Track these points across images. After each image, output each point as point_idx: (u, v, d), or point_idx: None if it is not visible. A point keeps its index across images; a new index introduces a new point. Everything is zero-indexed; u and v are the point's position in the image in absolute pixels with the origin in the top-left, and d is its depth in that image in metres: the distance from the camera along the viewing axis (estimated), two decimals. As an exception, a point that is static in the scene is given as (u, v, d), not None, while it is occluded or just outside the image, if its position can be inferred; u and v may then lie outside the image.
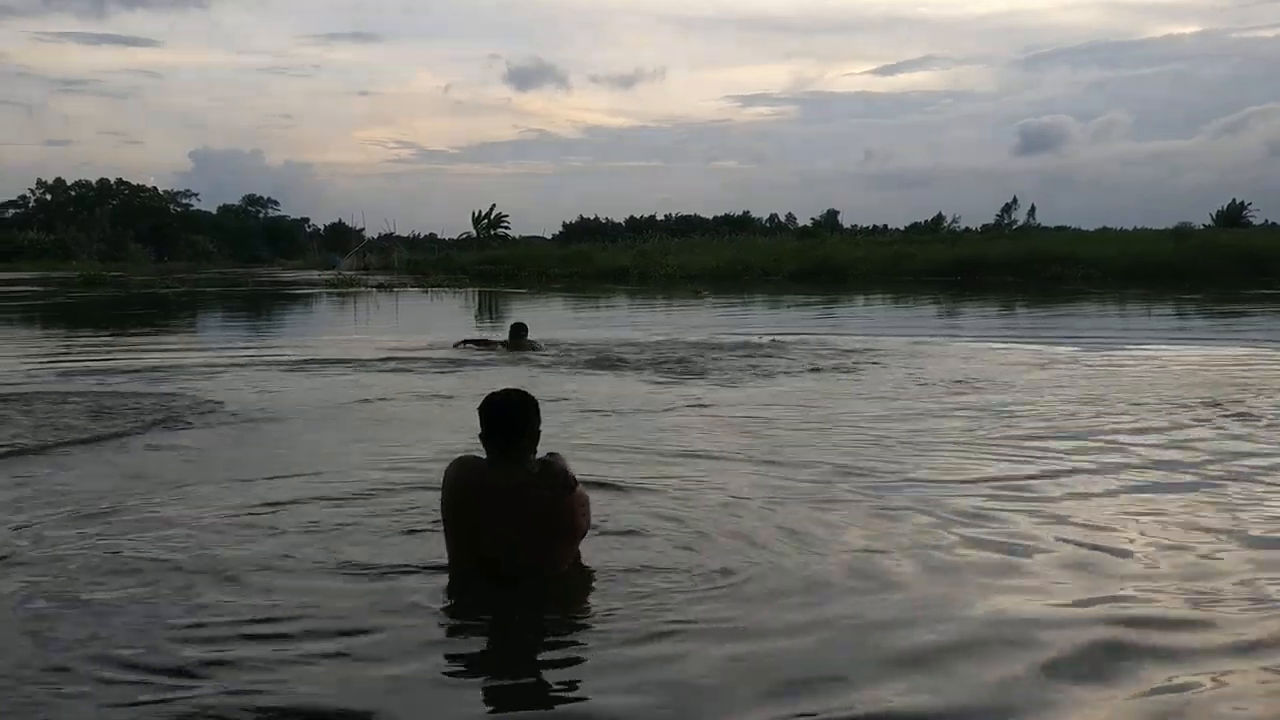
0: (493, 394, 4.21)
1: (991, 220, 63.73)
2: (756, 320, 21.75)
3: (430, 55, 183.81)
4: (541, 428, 4.18)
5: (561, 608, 3.91)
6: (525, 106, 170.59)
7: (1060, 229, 61.93)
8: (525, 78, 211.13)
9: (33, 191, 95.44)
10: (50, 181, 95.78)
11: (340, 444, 7.37)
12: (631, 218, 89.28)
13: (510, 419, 4.07)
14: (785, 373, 11.56)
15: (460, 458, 4.21)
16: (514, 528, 3.96)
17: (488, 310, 28.56)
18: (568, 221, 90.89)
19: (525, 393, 4.25)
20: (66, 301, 31.51)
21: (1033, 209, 65.26)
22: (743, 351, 13.68)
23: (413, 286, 41.39)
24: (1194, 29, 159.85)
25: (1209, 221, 58.34)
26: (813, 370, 11.75)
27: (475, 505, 4.02)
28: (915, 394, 9.80)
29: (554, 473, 4.00)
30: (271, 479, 6.06)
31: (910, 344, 14.91)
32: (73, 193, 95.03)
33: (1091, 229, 58.46)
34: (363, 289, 39.82)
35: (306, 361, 12.79)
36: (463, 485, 4.06)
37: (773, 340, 15.20)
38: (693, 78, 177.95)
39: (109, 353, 14.38)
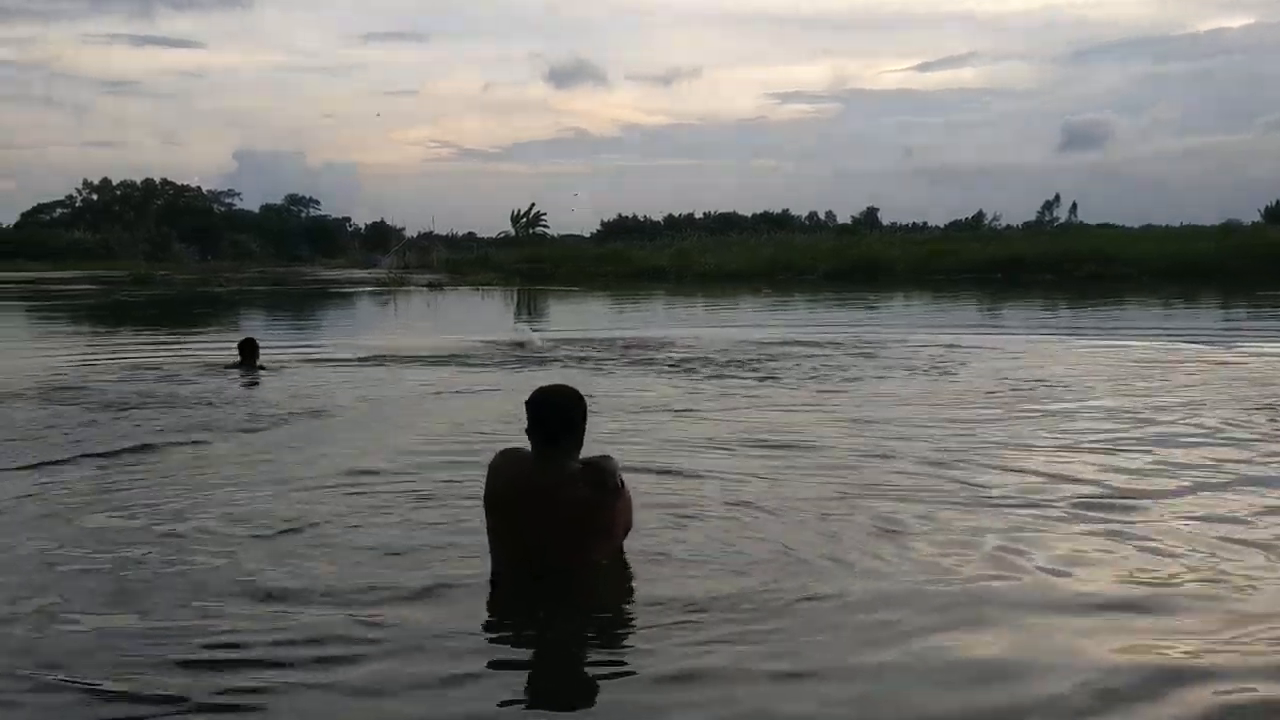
0: (540, 388, 4.13)
1: (1033, 217, 63.33)
2: (822, 320, 21.67)
3: (470, 54, 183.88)
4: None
5: (592, 625, 3.76)
6: (564, 105, 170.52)
7: (1104, 226, 61.26)
8: (564, 76, 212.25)
9: (79, 191, 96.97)
10: (96, 182, 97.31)
11: (417, 435, 7.60)
12: (670, 216, 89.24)
13: (552, 415, 4.00)
14: (872, 376, 11.10)
15: (504, 450, 4.15)
16: (547, 528, 3.91)
17: (528, 307, 28.71)
18: (606, 220, 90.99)
19: (573, 389, 4.17)
20: (130, 300, 31.91)
21: (1074, 206, 64.79)
22: (820, 352, 13.48)
23: (463, 285, 41.64)
24: (1242, 21, 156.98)
25: (1258, 218, 57.43)
26: (908, 371, 11.31)
27: (512, 501, 3.99)
28: (1025, 396, 9.31)
29: (601, 474, 3.93)
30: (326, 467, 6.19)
31: (1003, 341, 14.68)
32: (118, 193, 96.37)
33: (1137, 226, 57.75)
34: (414, 287, 40.10)
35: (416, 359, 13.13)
36: (503, 480, 4.03)
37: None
38: (731, 75, 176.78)
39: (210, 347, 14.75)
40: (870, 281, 36.89)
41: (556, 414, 3.99)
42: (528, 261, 52.31)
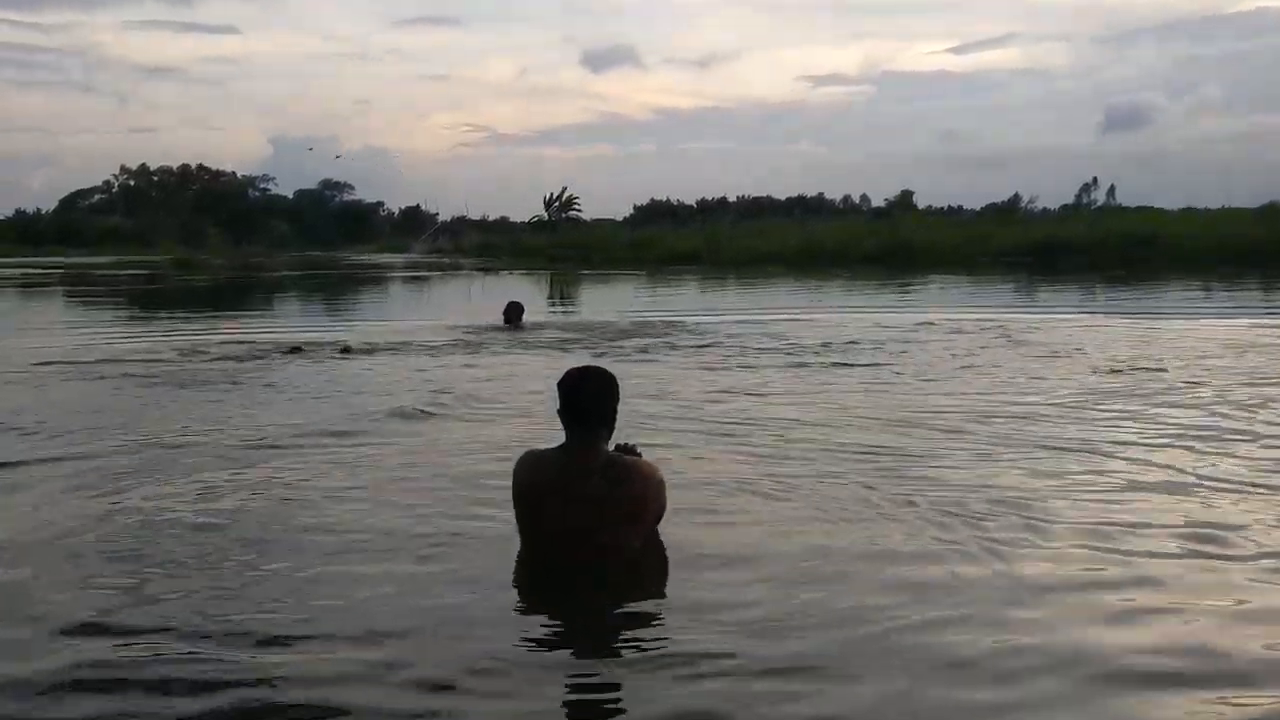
0: (571, 369, 4.18)
1: (1070, 200, 62.55)
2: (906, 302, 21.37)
3: (505, 39, 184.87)
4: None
5: (592, 631, 3.57)
6: (599, 89, 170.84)
7: (1142, 208, 60.44)
8: (600, 60, 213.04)
9: (116, 177, 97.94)
10: (134, 168, 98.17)
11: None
12: (703, 200, 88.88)
13: (582, 396, 4.02)
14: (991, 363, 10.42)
15: (525, 454, 4.18)
16: (560, 526, 3.96)
17: (558, 292, 28.59)
18: (639, 204, 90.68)
19: (604, 371, 4.19)
20: (196, 285, 32.05)
21: (1112, 188, 63.91)
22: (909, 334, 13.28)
23: (516, 269, 41.69)
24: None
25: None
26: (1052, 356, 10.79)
27: (532, 504, 4.05)
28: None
29: (615, 466, 3.96)
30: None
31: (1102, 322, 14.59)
32: (155, 178, 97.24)
33: (1175, 208, 56.92)
34: (465, 271, 40.19)
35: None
36: (524, 484, 4.08)
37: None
38: (766, 58, 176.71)
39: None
40: (913, 265, 36.10)
41: (586, 395, 4.04)
42: (560, 246, 52.07)
